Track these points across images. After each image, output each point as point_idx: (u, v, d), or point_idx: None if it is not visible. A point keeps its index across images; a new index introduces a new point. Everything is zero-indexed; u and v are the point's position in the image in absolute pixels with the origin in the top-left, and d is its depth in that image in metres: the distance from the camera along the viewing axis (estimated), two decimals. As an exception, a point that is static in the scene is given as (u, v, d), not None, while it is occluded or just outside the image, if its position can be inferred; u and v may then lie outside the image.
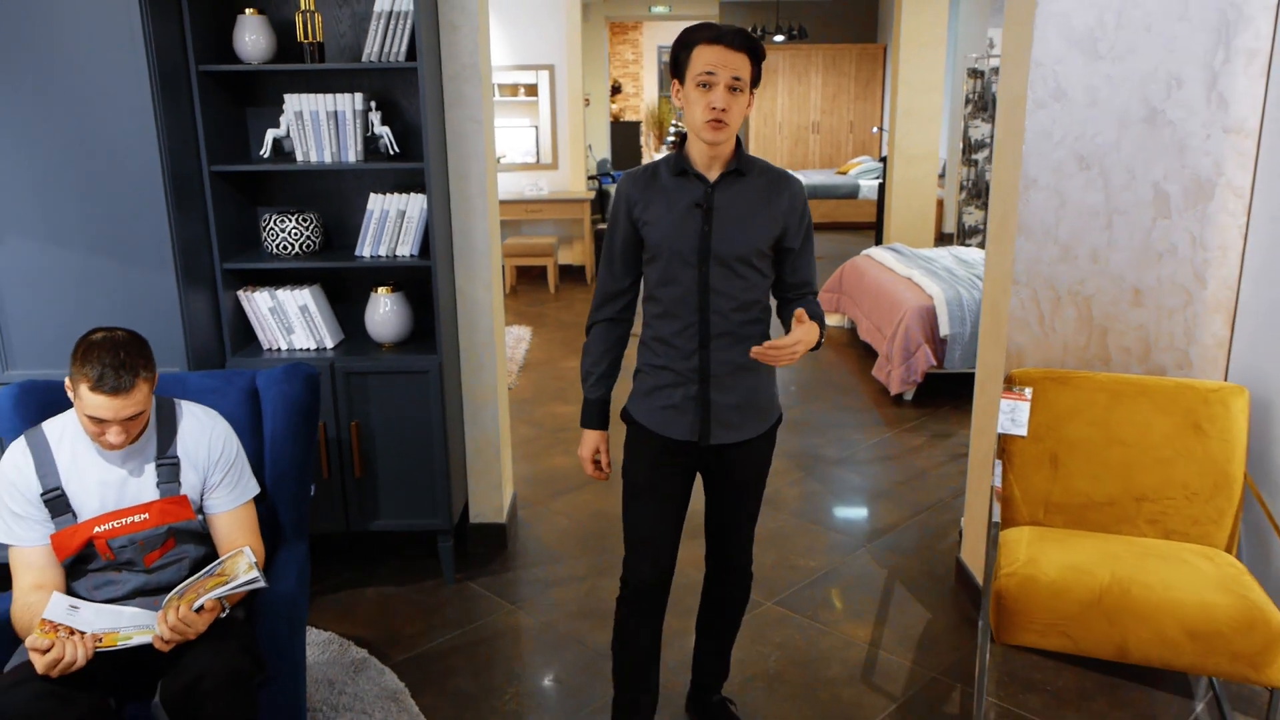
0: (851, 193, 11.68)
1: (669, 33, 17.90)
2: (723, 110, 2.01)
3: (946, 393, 5.28)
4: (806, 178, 11.96)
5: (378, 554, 3.55)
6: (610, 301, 2.27)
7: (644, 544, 2.28)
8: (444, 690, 2.78)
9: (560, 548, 3.64)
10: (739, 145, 2.15)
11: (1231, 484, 2.61)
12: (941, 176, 10.28)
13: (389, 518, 3.26)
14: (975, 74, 7.74)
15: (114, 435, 2.00)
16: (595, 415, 2.32)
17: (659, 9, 13.03)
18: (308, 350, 3.23)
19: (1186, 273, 2.84)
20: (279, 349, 3.24)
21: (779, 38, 12.74)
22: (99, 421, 1.98)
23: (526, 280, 8.61)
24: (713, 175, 2.12)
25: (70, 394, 1.99)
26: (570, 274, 8.86)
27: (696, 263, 2.12)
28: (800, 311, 2.02)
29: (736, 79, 2.01)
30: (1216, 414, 2.63)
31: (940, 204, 9.90)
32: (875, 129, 13.16)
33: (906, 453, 4.59)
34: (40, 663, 1.82)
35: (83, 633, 1.89)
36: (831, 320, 6.96)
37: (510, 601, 3.27)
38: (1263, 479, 2.72)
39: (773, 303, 2.25)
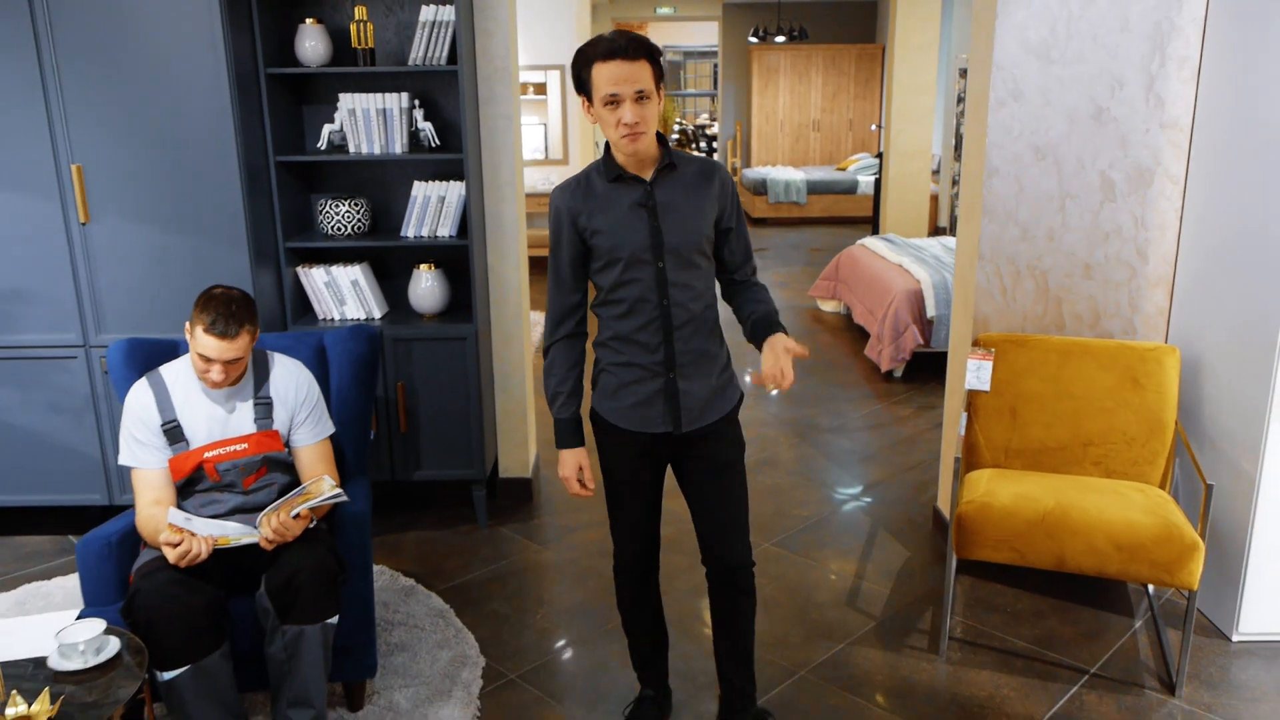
0: (850, 188, 12.08)
1: (674, 33, 18.32)
2: (635, 123, 2.05)
3: (932, 370, 5.69)
4: (807, 174, 12.37)
5: (418, 504, 3.97)
6: (566, 319, 2.27)
7: (629, 531, 2.42)
8: (482, 611, 3.20)
9: (578, 500, 4.06)
10: (662, 141, 2.19)
11: (1165, 430, 3.03)
12: (936, 172, 10.69)
13: (430, 468, 3.68)
14: (966, 74, 8.14)
15: (216, 373, 2.42)
16: (570, 434, 2.31)
17: (664, 10, 13.45)
18: (358, 320, 3.65)
19: (1130, 250, 3.25)
20: (333, 319, 3.66)
21: (780, 38, 13.14)
22: (206, 360, 2.40)
23: (539, 270, 9.02)
24: (647, 174, 2.17)
25: (188, 336, 2.41)
26: (580, 265, 9.26)
27: (653, 259, 2.17)
28: (770, 340, 2.16)
29: (641, 90, 2.03)
30: (1152, 370, 3.05)
31: (934, 199, 10.30)
32: (873, 127, 13.56)
33: (894, 422, 5.01)
34: (172, 555, 2.24)
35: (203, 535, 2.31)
36: (828, 306, 7.38)
37: (537, 542, 3.69)
38: (1191, 426, 3.14)
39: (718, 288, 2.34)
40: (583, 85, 2.08)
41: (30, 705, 1.93)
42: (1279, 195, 2.68)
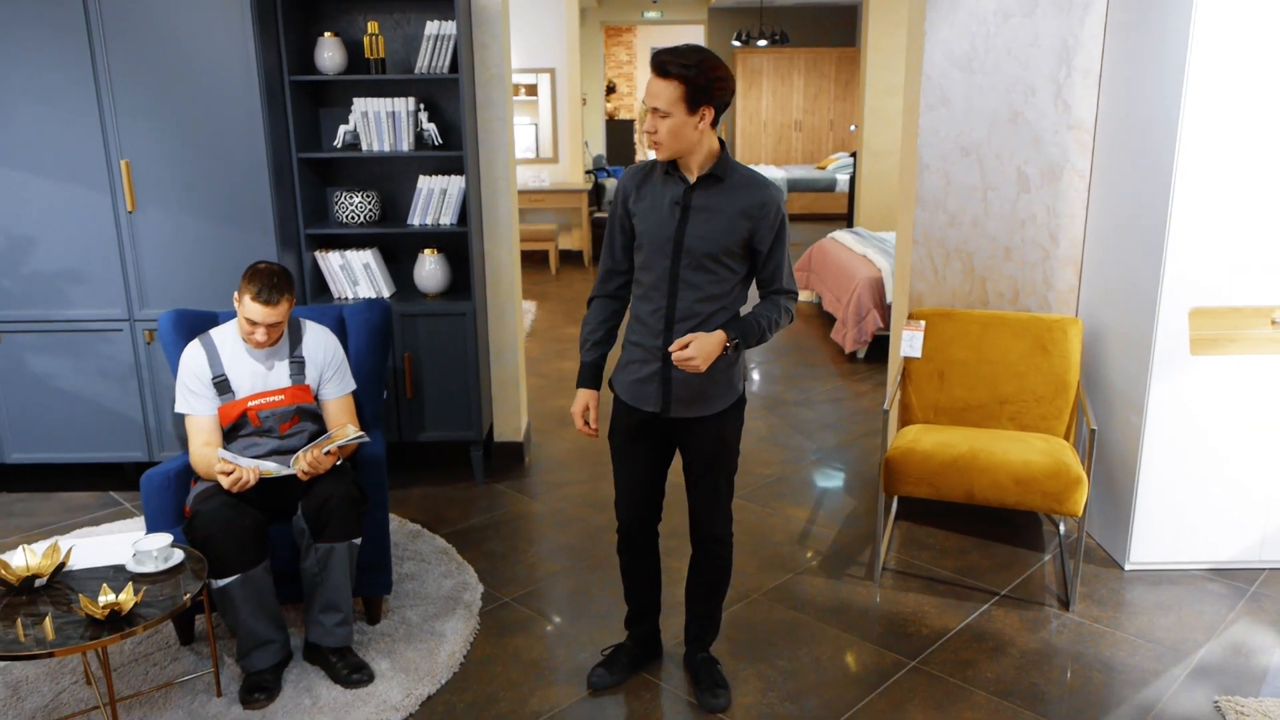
0: (829, 186, 12.59)
1: (661, 36, 18.77)
2: (653, 132, 2.26)
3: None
4: (788, 172, 12.86)
5: (422, 463, 4.44)
6: (609, 280, 2.55)
7: (623, 495, 2.66)
8: (481, 550, 3.67)
9: (565, 462, 4.54)
10: (724, 152, 2.36)
11: (1068, 390, 3.52)
12: (910, 171, 11.17)
13: (433, 430, 4.15)
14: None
15: (260, 335, 2.88)
16: (587, 376, 2.55)
17: (651, 14, 13.91)
18: (370, 298, 4.11)
19: (1044, 235, 3.74)
20: (347, 297, 4.13)
21: (763, 42, 13.64)
22: (252, 323, 2.86)
23: (530, 263, 9.49)
24: (694, 178, 2.36)
25: (236, 303, 2.87)
26: (569, 258, 9.76)
27: (670, 254, 2.36)
28: (715, 333, 2.33)
29: (658, 108, 2.24)
30: (1058, 339, 3.54)
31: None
32: (852, 127, 14.06)
33: (853, 396, 5.50)
34: (226, 481, 2.71)
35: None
36: (802, 296, 7.87)
37: (529, 496, 4.17)
38: (1091, 386, 3.63)
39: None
40: None
41: (118, 596, 2.40)
42: (1158, 185, 3.17)
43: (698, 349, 2.31)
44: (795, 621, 3.17)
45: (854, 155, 10.23)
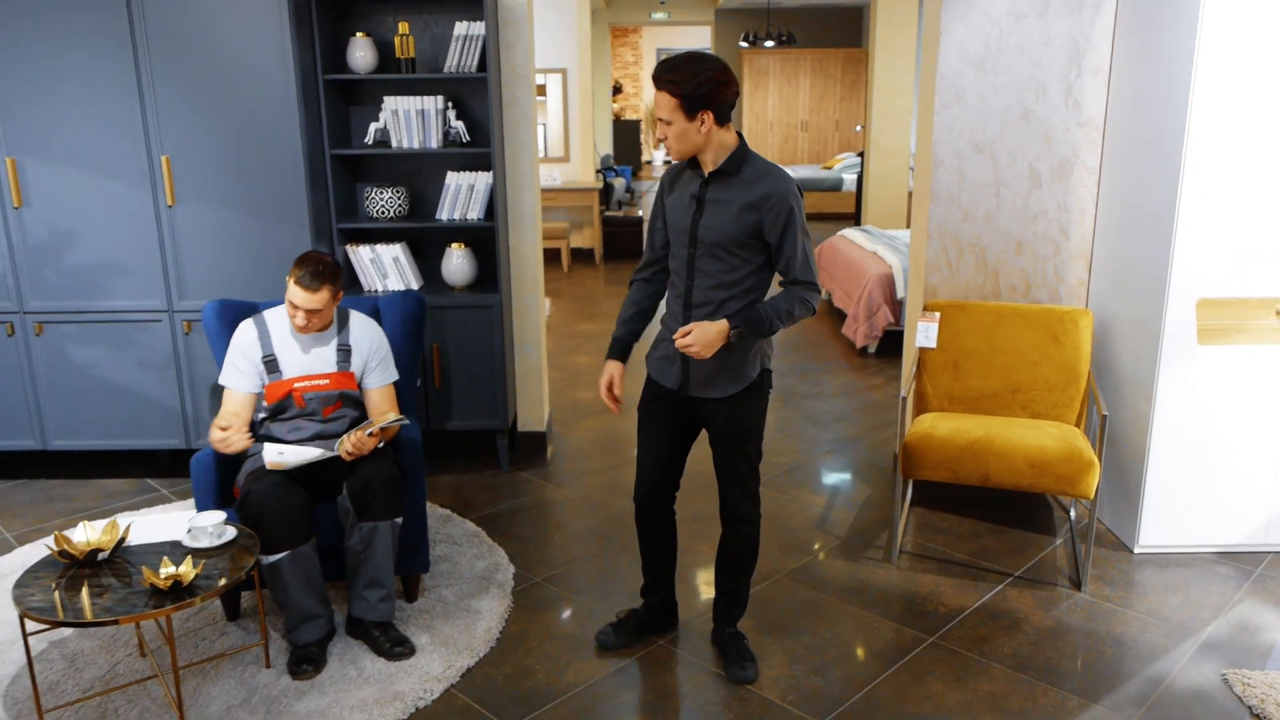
0: (835, 185, 12.71)
1: (667, 37, 18.91)
2: (663, 138, 2.48)
3: (902, 347, 6.30)
4: (794, 172, 12.99)
5: (449, 451, 4.56)
6: (647, 266, 2.78)
7: (640, 465, 2.82)
8: (510, 534, 3.79)
9: (586, 451, 4.66)
10: (742, 147, 2.52)
11: (1079, 379, 3.64)
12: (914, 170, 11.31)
13: (459, 419, 4.28)
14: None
15: (301, 319, 3.00)
16: (616, 350, 2.75)
17: (658, 15, 14.04)
18: (405, 290, 4.23)
19: (1055, 230, 3.86)
20: (376, 290, 4.25)
21: (770, 43, 13.76)
22: (294, 306, 2.98)
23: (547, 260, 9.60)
24: (707, 173, 2.54)
25: (286, 287, 2.99)
26: (581, 256, 9.88)
27: (687, 244, 2.56)
28: (719, 322, 2.48)
29: (663, 118, 2.44)
30: (1069, 329, 3.66)
31: (911, 194, 10.91)
32: (858, 127, 14.18)
33: (865, 390, 5.62)
34: (215, 436, 2.88)
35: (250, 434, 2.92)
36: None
37: (552, 483, 4.29)
38: (1102, 375, 3.75)
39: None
40: None
41: (178, 568, 2.52)
42: (1167, 180, 3.29)
43: (697, 337, 2.47)
44: (817, 600, 3.29)
45: (860, 155, 10.35)
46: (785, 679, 2.85)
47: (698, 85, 2.40)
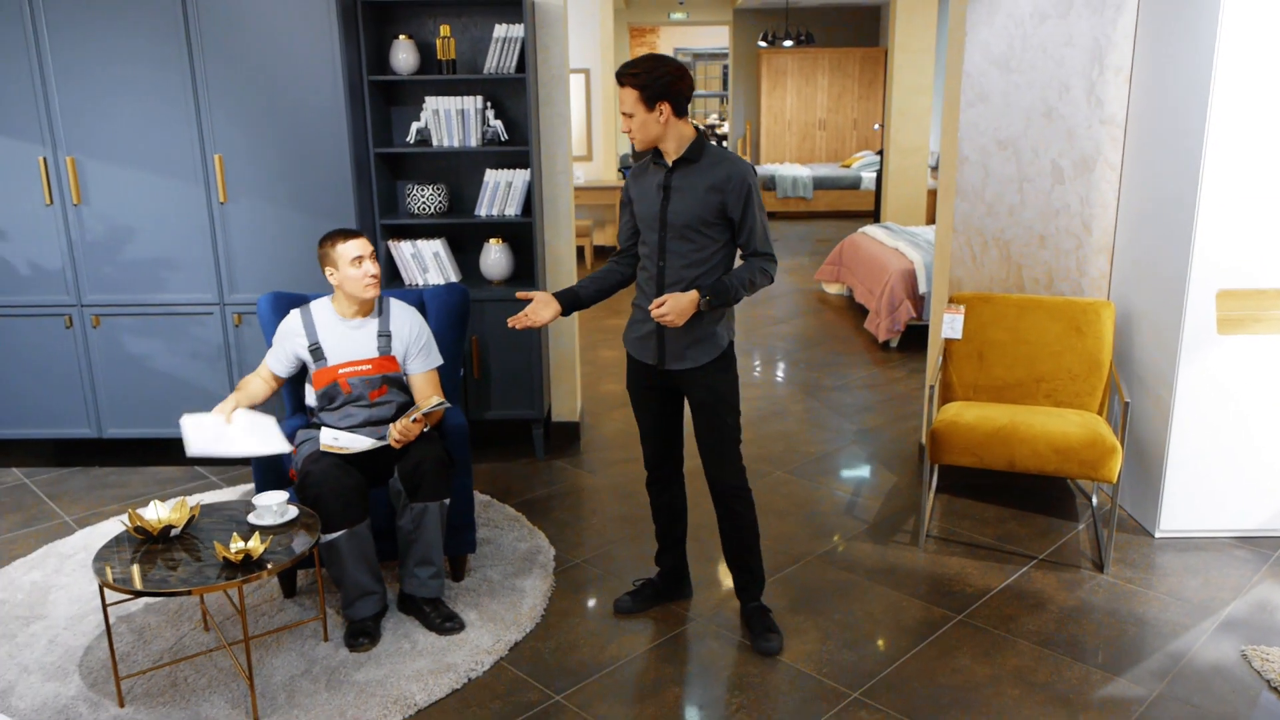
0: (854, 184, 12.80)
1: (686, 36, 19.02)
2: (626, 131, 2.75)
3: (924, 341, 6.38)
4: (813, 171, 13.08)
5: (487, 440, 4.71)
6: (620, 254, 3.02)
7: (644, 437, 3.09)
8: (547, 517, 3.93)
9: (615, 440, 4.79)
10: (700, 138, 2.77)
11: (1101, 369, 3.75)
12: (935, 168, 11.39)
13: (497, 409, 4.42)
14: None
15: (371, 265, 3.14)
16: (563, 295, 2.95)
17: (677, 15, 14.15)
18: (450, 283, 4.38)
19: (1077, 224, 3.97)
20: (417, 284, 4.40)
21: (788, 42, 13.85)
22: (359, 260, 3.13)
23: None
24: (671, 162, 2.78)
25: (334, 267, 3.13)
26: (604, 253, 10.01)
27: (658, 228, 2.80)
28: (689, 293, 2.70)
29: (626, 111, 2.71)
30: (1091, 321, 3.77)
31: (931, 192, 11.01)
32: (876, 126, 14.26)
33: (889, 383, 5.73)
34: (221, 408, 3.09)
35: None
36: (832, 289, 8.11)
37: (587, 471, 4.43)
38: (1123, 365, 3.86)
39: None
40: None
41: (247, 543, 2.67)
42: (1187, 175, 3.40)
43: (671, 306, 2.70)
44: (847, 581, 3.42)
45: (879, 153, 10.44)
46: (819, 653, 2.98)
47: (655, 79, 2.67)
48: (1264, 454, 3.55)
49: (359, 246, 3.14)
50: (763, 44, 14.08)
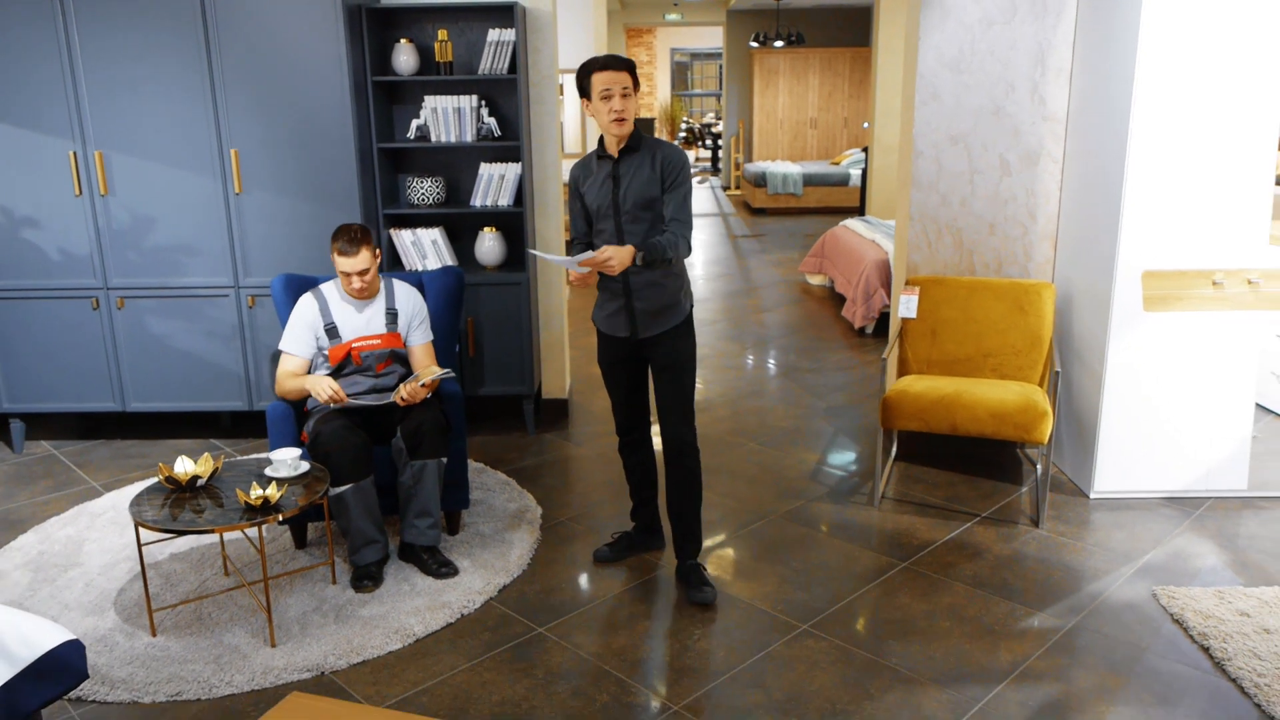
0: (843, 180, 13.14)
1: (680, 37, 19.37)
2: (622, 110, 3.01)
3: (898, 327, 6.76)
4: (803, 167, 13.42)
5: (480, 415, 5.06)
6: (579, 239, 3.31)
7: (616, 407, 3.43)
8: (537, 484, 4.28)
9: (602, 417, 5.14)
10: (636, 130, 3.09)
11: (1042, 344, 4.10)
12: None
13: (491, 385, 4.77)
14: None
15: (356, 283, 3.49)
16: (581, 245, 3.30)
17: (672, 16, 14.52)
18: (446, 266, 4.73)
19: (1023, 213, 4.32)
20: (417, 269, 4.74)
21: (780, 43, 14.20)
22: (346, 274, 3.47)
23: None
24: (616, 154, 3.12)
25: (333, 262, 3.48)
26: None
27: (613, 214, 3.12)
28: (626, 247, 3.00)
29: (625, 88, 3.02)
30: (1033, 300, 4.11)
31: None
32: (865, 124, 14.59)
33: (860, 365, 6.08)
34: (325, 395, 3.35)
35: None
36: (815, 280, 8.46)
37: (573, 443, 4.78)
38: (1062, 342, 4.21)
39: None
40: (584, 89, 3.07)
41: (266, 490, 3.02)
42: (1115, 166, 3.74)
43: (613, 253, 2.97)
44: (807, 535, 3.77)
45: (865, 150, 10.78)
46: (775, 593, 3.33)
47: (635, 68, 3.10)
48: (1186, 421, 3.90)
49: (351, 264, 3.42)
50: (754, 44, 14.42)
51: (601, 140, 3.17)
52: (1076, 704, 2.72)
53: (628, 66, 3.08)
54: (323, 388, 3.37)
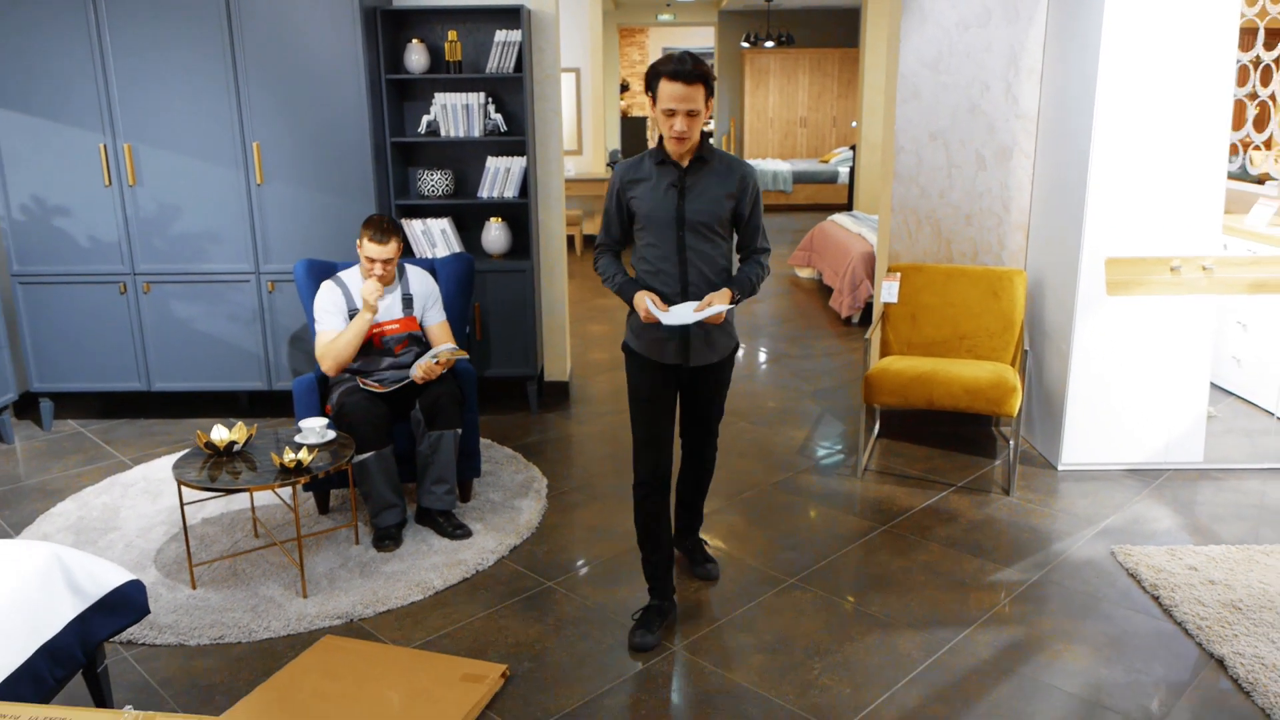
0: (832, 178, 13.45)
1: (672, 37, 19.64)
2: (683, 132, 2.68)
3: (883, 317, 7.06)
4: (794, 166, 13.73)
5: (486, 396, 5.33)
6: (610, 246, 3.01)
7: (646, 445, 2.96)
8: (542, 457, 4.56)
9: (601, 398, 5.42)
10: (704, 139, 2.79)
11: (1014, 327, 4.40)
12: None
13: (497, 367, 5.04)
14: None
15: (378, 269, 3.76)
16: (633, 286, 2.89)
17: (665, 17, 14.78)
18: (457, 253, 5.00)
19: (998, 205, 4.61)
20: (428, 256, 5.01)
21: (770, 43, 14.50)
22: (371, 260, 3.74)
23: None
24: (684, 163, 2.81)
25: (359, 248, 3.75)
26: (592, 241, 10.63)
27: (675, 227, 2.82)
28: (724, 290, 2.80)
29: (693, 108, 2.65)
30: (1006, 286, 4.41)
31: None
32: (854, 123, 14.90)
33: (846, 352, 6.38)
34: (372, 296, 3.64)
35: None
36: (804, 273, 8.75)
37: (576, 422, 5.06)
38: (1033, 324, 4.51)
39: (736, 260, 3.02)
40: (651, 90, 2.71)
41: (298, 454, 3.28)
42: (1080, 160, 4.04)
43: (713, 297, 2.79)
44: (794, 503, 4.06)
45: (853, 148, 11.09)
46: (765, 552, 3.61)
47: (711, 77, 2.69)
48: (1147, 398, 4.20)
49: (379, 252, 3.65)
50: (745, 45, 14.71)
51: (661, 144, 2.82)
52: (1037, 644, 3.02)
53: (701, 79, 2.66)
54: (369, 289, 3.65)
